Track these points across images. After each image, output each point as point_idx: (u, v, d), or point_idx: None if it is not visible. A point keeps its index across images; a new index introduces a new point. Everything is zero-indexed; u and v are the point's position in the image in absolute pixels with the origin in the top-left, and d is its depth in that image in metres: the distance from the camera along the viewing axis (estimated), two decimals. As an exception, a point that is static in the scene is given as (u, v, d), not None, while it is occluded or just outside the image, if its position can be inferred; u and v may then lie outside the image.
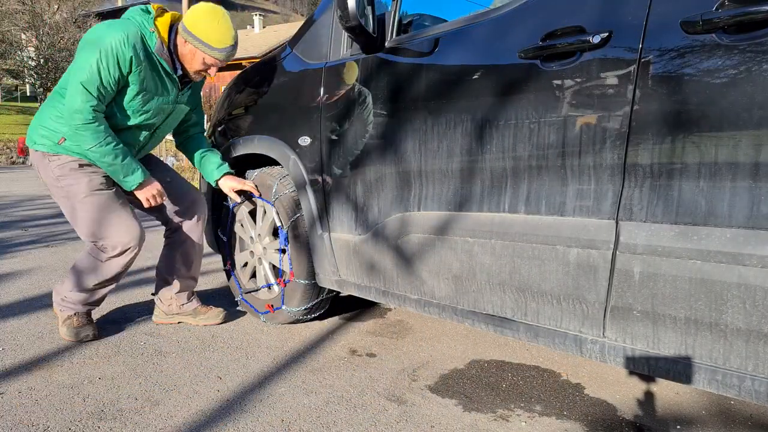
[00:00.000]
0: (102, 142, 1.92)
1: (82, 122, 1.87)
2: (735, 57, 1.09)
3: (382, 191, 1.85)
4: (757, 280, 1.10)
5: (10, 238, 4.16)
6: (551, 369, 2.02)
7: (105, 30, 1.89)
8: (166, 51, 1.98)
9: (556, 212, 1.42)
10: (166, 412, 1.65)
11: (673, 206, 1.21)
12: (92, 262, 2.11)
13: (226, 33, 1.96)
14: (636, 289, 1.28)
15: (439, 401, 1.75)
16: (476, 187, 1.58)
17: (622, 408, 1.73)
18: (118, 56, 1.86)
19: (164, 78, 2.02)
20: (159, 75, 2.00)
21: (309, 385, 1.85)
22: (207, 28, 1.94)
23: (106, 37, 1.86)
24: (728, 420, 1.66)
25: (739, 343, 1.16)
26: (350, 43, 1.95)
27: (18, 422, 1.57)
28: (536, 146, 1.42)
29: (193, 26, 1.94)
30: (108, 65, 1.85)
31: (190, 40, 1.96)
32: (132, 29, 1.90)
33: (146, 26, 1.95)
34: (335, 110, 1.97)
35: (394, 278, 1.87)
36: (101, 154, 1.94)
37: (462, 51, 1.61)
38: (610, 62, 1.27)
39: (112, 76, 1.87)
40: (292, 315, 2.31)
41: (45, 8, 25.39)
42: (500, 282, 1.55)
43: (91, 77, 1.85)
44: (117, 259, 2.09)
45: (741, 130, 1.10)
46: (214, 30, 1.94)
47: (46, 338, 2.20)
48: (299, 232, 2.22)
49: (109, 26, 1.90)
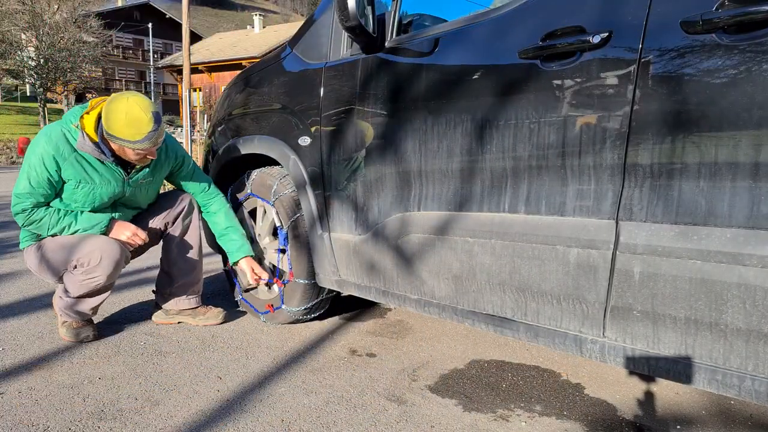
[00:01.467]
0: (53, 219, 2.05)
1: (25, 219, 2.04)
2: (735, 57, 1.09)
3: (382, 191, 1.85)
4: (757, 280, 1.10)
5: (10, 238, 4.16)
6: (551, 369, 2.02)
7: (39, 135, 2.04)
8: (89, 144, 1.99)
9: (556, 212, 1.41)
10: (166, 412, 1.65)
11: (673, 206, 1.21)
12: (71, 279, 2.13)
13: (140, 123, 1.90)
14: (636, 289, 1.28)
15: (439, 401, 1.75)
16: (476, 187, 1.58)
17: (622, 408, 1.73)
18: (43, 158, 1.96)
19: (99, 168, 2.06)
20: (92, 167, 2.04)
21: (309, 385, 1.85)
22: (119, 125, 1.90)
23: (37, 141, 2.00)
24: (728, 420, 1.66)
25: (739, 343, 1.16)
26: (350, 43, 1.95)
27: (18, 422, 1.57)
28: (536, 146, 1.42)
29: (108, 126, 1.93)
30: (37, 168, 1.97)
31: (111, 139, 1.96)
32: (55, 130, 2.01)
33: (70, 123, 2.02)
34: (335, 110, 1.97)
35: (394, 278, 1.87)
36: (60, 229, 2.07)
37: (462, 51, 1.61)
38: (610, 62, 1.27)
39: (41, 177, 1.98)
40: (292, 315, 2.31)
41: (45, 8, 25.38)
42: (500, 282, 1.55)
43: (27, 182, 1.99)
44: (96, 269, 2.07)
45: (741, 130, 1.10)
46: (127, 125, 1.89)
47: (46, 338, 2.20)
48: (299, 232, 2.22)
49: (43, 131, 2.04)
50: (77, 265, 2.07)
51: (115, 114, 1.90)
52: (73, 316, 2.17)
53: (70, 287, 2.12)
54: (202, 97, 28.79)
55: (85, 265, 2.06)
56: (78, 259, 2.06)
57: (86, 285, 2.09)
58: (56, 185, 2.02)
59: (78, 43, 26.34)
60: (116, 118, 1.90)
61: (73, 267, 2.08)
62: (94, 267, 2.06)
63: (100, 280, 2.09)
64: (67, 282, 2.13)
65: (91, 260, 2.05)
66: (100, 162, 2.05)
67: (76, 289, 2.11)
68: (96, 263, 2.05)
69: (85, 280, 2.08)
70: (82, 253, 2.06)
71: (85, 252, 2.05)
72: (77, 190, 2.04)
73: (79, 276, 2.08)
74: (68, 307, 2.16)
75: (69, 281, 2.12)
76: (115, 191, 2.12)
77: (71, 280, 2.11)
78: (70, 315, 2.16)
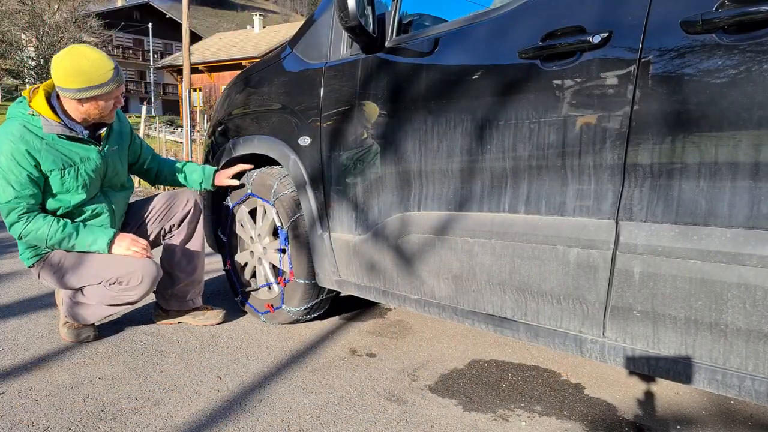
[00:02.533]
0: (52, 228, 1.97)
1: (22, 229, 1.95)
2: (735, 57, 1.09)
3: (382, 191, 1.85)
4: (757, 280, 1.10)
5: (10, 238, 4.16)
6: (551, 369, 2.02)
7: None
8: (55, 124, 1.93)
9: (556, 212, 1.42)
10: (166, 412, 1.65)
11: (673, 206, 1.21)
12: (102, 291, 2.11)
13: (100, 62, 1.87)
14: (636, 289, 1.28)
15: (439, 401, 1.75)
16: (476, 187, 1.58)
17: (622, 408, 1.73)
18: (15, 157, 1.86)
19: (73, 147, 1.99)
20: (66, 148, 1.97)
21: (309, 385, 1.85)
22: (80, 75, 1.84)
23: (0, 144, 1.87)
24: (728, 420, 1.66)
25: (739, 343, 1.16)
26: (350, 43, 1.95)
27: (18, 422, 1.57)
28: (536, 146, 1.42)
29: (67, 83, 1.86)
30: (13, 170, 1.87)
31: (74, 95, 1.88)
32: (14, 127, 1.89)
33: (24, 114, 1.92)
34: (335, 110, 1.97)
35: (394, 278, 1.87)
36: (59, 239, 2.00)
37: (462, 51, 1.61)
38: (610, 62, 1.27)
39: (21, 177, 1.88)
40: (292, 315, 2.31)
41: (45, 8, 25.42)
42: (500, 282, 1.55)
43: (9, 187, 1.88)
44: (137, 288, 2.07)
45: (741, 130, 1.10)
46: (90, 70, 1.85)
47: (46, 338, 2.20)
48: (299, 232, 2.22)
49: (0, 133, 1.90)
50: (116, 281, 2.06)
51: (69, 68, 1.83)
52: (81, 320, 2.15)
53: (96, 296, 2.10)
54: (202, 97, 28.81)
55: (125, 283, 2.06)
56: (119, 277, 2.05)
57: (118, 299, 2.10)
58: (39, 182, 1.93)
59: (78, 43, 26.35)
60: (73, 70, 1.83)
61: (111, 283, 2.07)
62: (135, 286, 2.06)
63: (134, 299, 2.11)
64: (95, 292, 2.11)
65: (132, 280, 2.05)
66: (72, 141, 1.97)
67: (105, 299, 2.10)
68: (137, 283, 2.06)
69: (120, 296, 2.09)
70: (123, 271, 2.05)
71: (127, 271, 2.05)
72: (65, 178, 1.96)
73: (114, 292, 2.08)
74: (79, 311, 2.14)
75: (98, 292, 2.10)
76: (97, 165, 2.05)
77: (102, 292, 2.10)
78: (77, 318, 2.15)
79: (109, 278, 2.06)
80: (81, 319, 2.15)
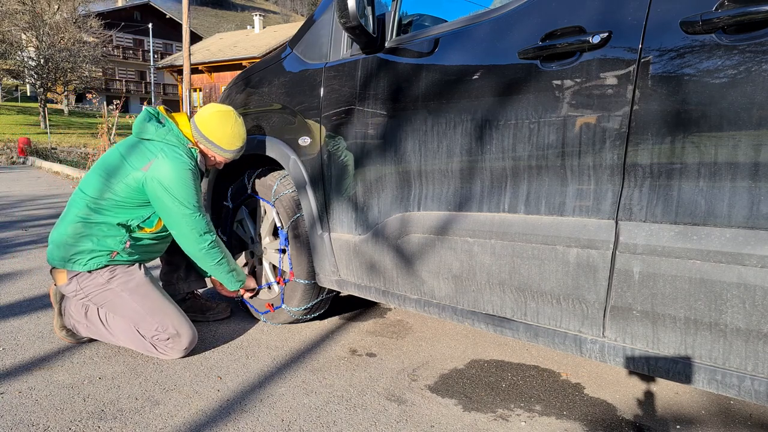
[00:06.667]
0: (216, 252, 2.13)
1: (208, 243, 2.09)
2: (735, 57, 1.10)
3: (382, 191, 1.85)
4: (757, 280, 1.10)
5: (10, 238, 4.16)
6: (551, 369, 2.02)
7: (173, 164, 1.98)
8: (201, 158, 2.15)
9: (555, 212, 1.42)
10: (166, 412, 1.65)
11: (673, 206, 1.21)
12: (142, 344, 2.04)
13: (239, 137, 2.14)
14: (636, 289, 1.28)
15: (439, 401, 1.75)
16: (476, 187, 1.58)
17: (622, 408, 1.73)
18: (191, 173, 2.02)
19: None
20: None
21: (309, 385, 1.85)
22: (224, 136, 2.11)
23: (180, 168, 1.98)
24: (728, 420, 1.66)
25: (738, 343, 1.16)
26: (350, 44, 1.95)
27: (18, 422, 1.57)
28: (536, 146, 1.42)
29: (210, 133, 2.10)
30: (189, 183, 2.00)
31: (203, 142, 2.11)
32: (186, 154, 2.05)
33: (186, 143, 2.08)
34: (335, 110, 1.97)
35: (394, 278, 1.87)
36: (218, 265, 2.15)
37: (462, 51, 1.61)
38: (610, 62, 1.27)
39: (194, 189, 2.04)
40: (292, 315, 2.31)
41: (45, 8, 25.40)
42: (500, 282, 1.55)
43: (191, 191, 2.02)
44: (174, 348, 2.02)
45: (741, 130, 1.10)
46: (231, 136, 2.12)
47: (46, 338, 2.20)
48: (299, 232, 2.22)
49: (173, 159, 1.99)
50: (165, 334, 2.00)
51: (222, 127, 2.10)
52: (84, 336, 2.12)
53: (123, 333, 2.05)
54: (202, 97, 28.82)
55: (164, 336, 2.00)
56: (165, 327, 1.99)
57: (146, 347, 2.03)
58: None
59: (78, 43, 26.37)
60: (223, 130, 2.10)
61: (160, 331, 2.00)
62: (173, 345, 2.01)
63: (167, 356, 2.04)
64: (125, 328, 2.04)
65: (181, 343, 2.02)
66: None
67: (142, 344, 2.03)
68: (177, 340, 2.01)
69: (157, 346, 2.02)
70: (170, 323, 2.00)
71: (173, 323, 2.01)
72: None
73: (156, 340, 2.01)
74: (89, 332, 2.10)
75: (128, 330, 2.04)
76: None
77: (134, 335, 2.03)
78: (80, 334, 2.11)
79: (152, 324, 1.99)
80: (85, 335, 2.13)
